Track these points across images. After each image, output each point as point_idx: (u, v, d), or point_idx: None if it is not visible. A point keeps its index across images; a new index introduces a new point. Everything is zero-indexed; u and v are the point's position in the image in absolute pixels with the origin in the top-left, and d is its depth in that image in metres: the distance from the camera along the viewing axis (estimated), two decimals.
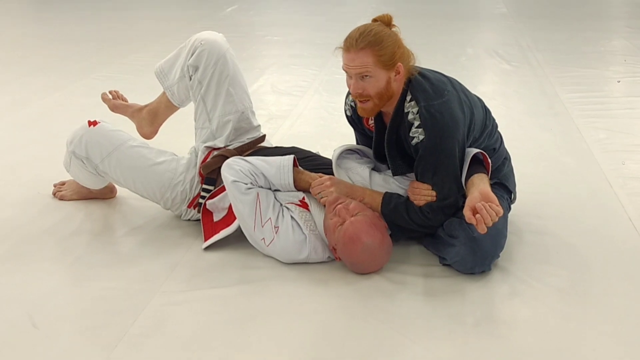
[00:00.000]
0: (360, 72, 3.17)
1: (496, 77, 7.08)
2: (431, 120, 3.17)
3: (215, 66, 3.72)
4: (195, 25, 9.73)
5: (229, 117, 3.75)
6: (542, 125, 5.40)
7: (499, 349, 2.75)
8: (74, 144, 3.68)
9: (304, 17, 10.55)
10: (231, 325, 2.91)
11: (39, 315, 2.97)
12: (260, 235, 3.33)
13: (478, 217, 2.97)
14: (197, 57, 3.73)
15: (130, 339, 2.82)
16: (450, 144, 3.18)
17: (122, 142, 3.66)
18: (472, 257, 3.18)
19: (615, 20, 10.46)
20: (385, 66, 3.17)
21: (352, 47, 3.17)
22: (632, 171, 4.43)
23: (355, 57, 3.17)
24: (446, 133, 3.17)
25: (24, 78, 6.93)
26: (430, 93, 3.22)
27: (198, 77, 3.75)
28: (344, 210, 3.20)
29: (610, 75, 6.96)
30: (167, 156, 3.72)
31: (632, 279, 3.24)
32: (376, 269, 3.27)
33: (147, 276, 3.28)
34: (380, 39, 3.16)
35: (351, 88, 3.26)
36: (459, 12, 10.82)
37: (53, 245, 3.58)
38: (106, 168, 3.65)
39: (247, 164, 3.39)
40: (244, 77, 3.87)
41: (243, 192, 3.32)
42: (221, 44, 3.79)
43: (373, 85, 3.19)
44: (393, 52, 3.18)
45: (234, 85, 3.77)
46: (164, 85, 3.91)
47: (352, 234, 3.13)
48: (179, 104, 3.95)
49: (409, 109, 3.23)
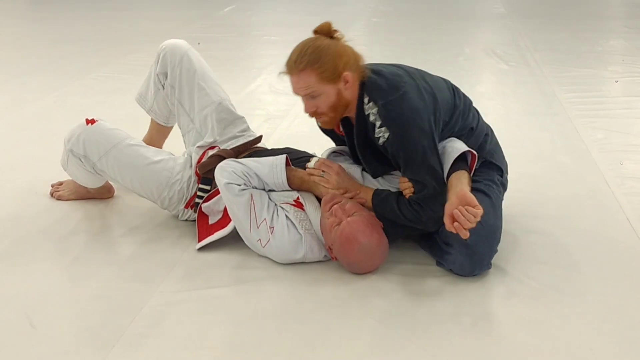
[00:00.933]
0: (307, 94, 3.19)
1: (494, 77, 7.08)
2: (391, 116, 3.15)
3: (181, 64, 3.83)
4: (194, 25, 9.75)
5: (207, 110, 3.82)
6: (540, 125, 5.40)
7: (497, 349, 2.75)
8: (72, 142, 3.67)
9: (302, 17, 10.54)
10: (228, 325, 2.91)
11: (37, 315, 2.97)
12: (257, 236, 3.33)
13: (456, 225, 2.95)
14: (162, 62, 3.87)
15: (127, 339, 2.82)
16: (415, 135, 3.14)
17: (120, 140, 3.65)
18: (470, 262, 3.18)
19: (614, 20, 10.47)
20: (330, 81, 3.17)
21: (292, 70, 3.20)
22: (630, 171, 4.43)
23: (298, 79, 3.19)
24: (408, 126, 3.14)
25: (21, 78, 6.92)
26: (386, 89, 3.19)
27: (169, 82, 3.87)
28: (340, 210, 3.19)
29: (608, 75, 6.96)
30: (164, 155, 3.72)
31: (630, 278, 3.24)
32: (373, 269, 3.27)
33: (145, 276, 3.28)
34: (318, 55, 3.16)
35: (304, 108, 3.27)
36: (457, 12, 10.82)
37: (51, 245, 3.58)
38: (104, 166, 3.65)
39: (240, 165, 3.39)
40: (223, 75, 3.93)
41: (237, 193, 3.32)
42: (181, 45, 3.91)
43: (324, 101, 3.20)
44: (335, 64, 3.16)
45: (204, 79, 3.87)
46: (146, 109, 4.08)
47: (349, 234, 3.12)
48: (165, 122, 4.09)
49: (368, 110, 3.21)
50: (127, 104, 4.26)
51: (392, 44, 8.44)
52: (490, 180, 3.39)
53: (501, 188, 3.49)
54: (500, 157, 3.58)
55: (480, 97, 3.43)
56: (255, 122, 5.41)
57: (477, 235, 3.11)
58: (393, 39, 8.73)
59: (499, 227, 3.31)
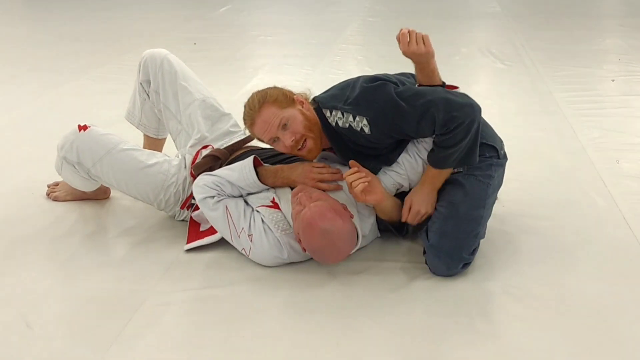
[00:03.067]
0: (278, 123, 3.21)
1: (490, 76, 7.08)
2: (357, 101, 3.18)
3: (162, 68, 3.88)
4: (189, 25, 9.75)
5: (191, 108, 3.84)
6: (535, 124, 5.40)
7: (493, 348, 2.75)
8: (65, 150, 3.65)
9: (297, 17, 10.55)
10: (225, 325, 2.91)
11: (33, 316, 2.98)
12: (239, 246, 3.33)
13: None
14: (144, 70, 3.93)
15: (124, 339, 2.82)
16: (385, 95, 3.15)
17: (113, 145, 3.64)
18: (440, 262, 3.20)
19: (609, 19, 10.47)
20: (287, 104, 3.25)
21: (254, 115, 3.26)
22: (626, 170, 4.43)
23: (263, 119, 3.24)
24: (371, 94, 3.18)
25: (17, 78, 6.92)
26: (338, 93, 3.28)
27: (153, 88, 3.91)
28: (305, 197, 3.16)
29: (604, 74, 6.96)
30: (159, 158, 3.72)
31: (626, 277, 3.24)
32: (339, 258, 3.22)
33: (141, 277, 3.28)
34: (264, 92, 3.30)
35: (286, 145, 3.26)
36: (452, 11, 10.82)
37: (47, 246, 3.58)
38: (98, 172, 3.64)
39: (210, 176, 3.40)
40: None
41: (211, 208, 3.34)
42: (160, 51, 3.98)
43: (296, 124, 3.23)
44: (282, 92, 3.30)
45: (186, 79, 3.91)
46: (135, 124, 4.10)
47: (309, 219, 3.07)
48: (156, 134, 4.12)
49: (334, 119, 3.24)
50: (122, 104, 4.25)
51: (388, 43, 8.36)
52: (478, 168, 3.37)
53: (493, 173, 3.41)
54: (492, 135, 3.52)
55: (476, 96, 3.40)
56: None
57: (440, 233, 3.19)
58: (389, 39, 8.62)
59: (474, 217, 3.27)
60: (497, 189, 3.47)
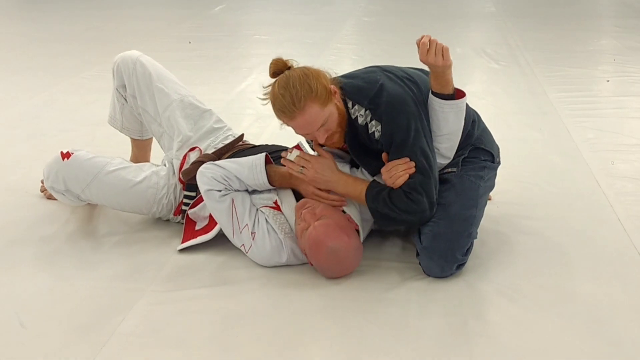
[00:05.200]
0: (320, 125, 3.12)
1: (485, 77, 7.08)
2: (378, 107, 3.15)
3: (135, 72, 3.82)
4: (184, 24, 9.73)
5: (169, 110, 3.79)
6: (530, 124, 5.41)
7: (487, 349, 2.75)
8: (51, 180, 3.61)
9: (292, 16, 10.54)
10: (219, 325, 2.91)
11: (27, 315, 2.97)
12: (239, 241, 3.32)
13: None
14: (118, 74, 3.87)
15: (118, 338, 2.81)
16: (404, 119, 3.13)
17: (99, 169, 3.58)
18: (434, 263, 3.20)
19: (604, 20, 10.48)
20: (328, 100, 3.11)
21: (294, 113, 3.09)
22: (621, 171, 4.44)
23: (306, 118, 3.10)
24: (396, 110, 3.14)
25: (11, 77, 6.90)
26: (365, 87, 3.21)
27: (129, 92, 3.86)
28: (309, 215, 3.16)
29: (599, 74, 6.97)
30: (146, 171, 3.68)
31: (620, 278, 3.24)
32: (346, 273, 3.24)
33: (135, 276, 3.28)
34: (306, 84, 3.07)
35: (317, 139, 3.22)
36: (447, 11, 10.82)
37: (40, 244, 3.58)
38: (88, 196, 3.62)
39: (220, 168, 3.35)
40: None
41: (217, 200, 3.31)
42: (131, 53, 3.90)
43: (332, 122, 3.16)
44: (322, 84, 3.11)
45: (161, 80, 3.84)
46: (118, 129, 4.07)
47: (315, 238, 3.08)
48: (140, 135, 4.09)
49: (355, 113, 3.21)
50: None
51: (383, 43, 8.45)
52: (471, 169, 3.39)
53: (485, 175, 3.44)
54: (490, 142, 3.57)
55: (471, 96, 3.40)
56: (246, 121, 5.42)
57: (433, 235, 3.18)
58: (384, 38, 8.73)
59: (466, 217, 3.26)
60: (488, 190, 3.48)
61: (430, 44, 3.07)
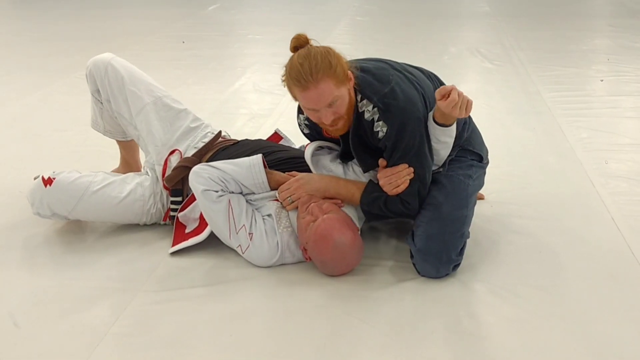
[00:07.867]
0: (330, 102, 3.05)
1: (478, 76, 7.08)
2: (388, 109, 3.13)
3: (107, 76, 3.77)
4: (178, 23, 9.72)
5: (142, 114, 3.75)
6: (524, 124, 5.41)
7: (480, 348, 2.75)
8: (36, 207, 3.57)
9: (286, 16, 10.53)
10: (212, 325, 2.91)
11: (21, 315, 2.97)
12: (236, 242, 3.31)
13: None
14: (91, 80, 3.83)
15: (111, 338, 2.82)
16: (412, 125, 3.13)
17: (83, 191, 3.55)
18: (429, 265, 3.20)
19: (598, 19, 10.48)
20: (343, 82, 3.06)
21: (309, 83, 3.00)
22: (615, 170, 4.44)
23: (319, 92, 3.02)
24: (406, 115, 3.13)
25: (6, 76, 6.90)
26: (377, 85, 3.17)
27: (104, 97, 3.83)
28: (317, 209, 3.18)
29: (593, 74, 6.97)
30: (131, 184, 3.66)
31: (614, 278, 3.24)
32: (346, 271, 3.25)
33: (128, 276, 3.28)
34: (328, 60, 3.03)
35: (322, 120, 3.13)
36: (441, 11, 10.82)
37: (34, 244, 3.58)
38: (75, 217, 3.61)
39: (216, 170, 3.34)
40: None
41: (214, 200, 3.29)
42: (103, 57, 3.84)
43: (342, 105, 3.10)
44: (342, 65, 3.07)
45: (134, 83, 3.78)
46: (101, 132, 4.06)
47: (324, 230, 3.10)
48: (124, 137, 4.07)
49: (363, 108, 3.19)
50: None
51: (377, 42, 8.43)
52: (458, 167, 3.40)
53: (473, 174, 3.45)
54: (479, 144, 3.58)
55: None
56: (240, 120, 5.42)
57: (426, 236, 3.19)
58: (378, 38, 8.72)
59: (458, 216, 3.27)
60: (477, 189, 3.49)
61: (459, 98, 3.00)
